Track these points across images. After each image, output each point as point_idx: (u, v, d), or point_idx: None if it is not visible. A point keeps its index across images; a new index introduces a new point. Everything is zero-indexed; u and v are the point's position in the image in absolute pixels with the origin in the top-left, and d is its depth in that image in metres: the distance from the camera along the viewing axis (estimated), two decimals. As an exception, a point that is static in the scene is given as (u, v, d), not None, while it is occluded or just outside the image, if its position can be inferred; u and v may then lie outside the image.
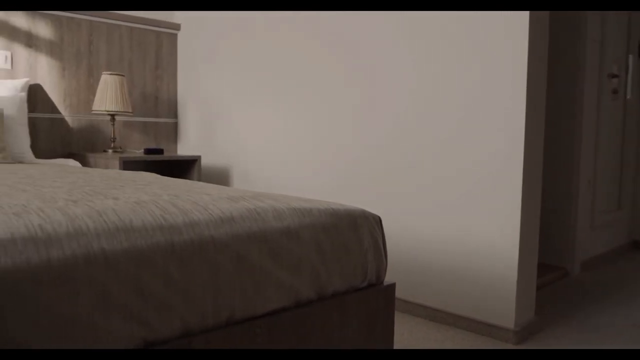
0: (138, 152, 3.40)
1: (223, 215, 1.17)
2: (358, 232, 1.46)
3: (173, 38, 3.81)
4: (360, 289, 1.48)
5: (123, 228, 1.01)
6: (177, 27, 3.79)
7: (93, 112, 3.27)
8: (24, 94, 2.93)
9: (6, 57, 3.11)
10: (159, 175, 2.02)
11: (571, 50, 3.16)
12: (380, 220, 1.55)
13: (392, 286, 1.56)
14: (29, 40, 3.19)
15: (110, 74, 3.24)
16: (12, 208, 1.03)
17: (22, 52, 3.17)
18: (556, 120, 3.25)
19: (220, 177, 3.48)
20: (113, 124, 3.34)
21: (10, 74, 3.14)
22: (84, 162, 3.19)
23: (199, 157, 3.28)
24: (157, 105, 3.76)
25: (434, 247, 2.33)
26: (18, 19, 3.13)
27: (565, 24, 3.18)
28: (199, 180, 3.31)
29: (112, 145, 3.35)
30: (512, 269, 2.10)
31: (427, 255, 2.36)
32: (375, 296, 1.51)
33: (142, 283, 1.00)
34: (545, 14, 2.12)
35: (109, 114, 3.30)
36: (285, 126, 3.00)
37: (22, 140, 2.84)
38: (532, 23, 2.04)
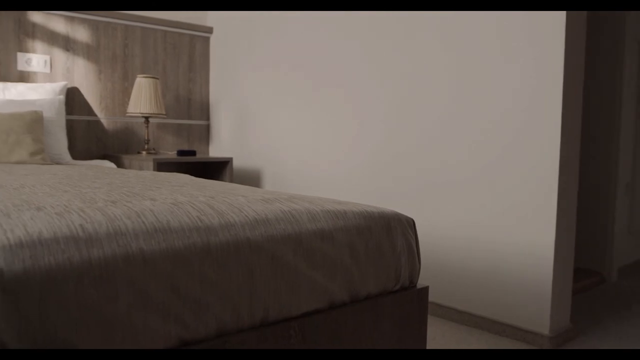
0: (171, 154, 3.45)
1: (258, 217, 1.17)
2: (391, 235, 1.45)
3: (206, 41, 3.86)
4: (393, 291, 1.47)
5: (161, 229, 1.02)
6: (209, 30, 3.84)
7: (128, 114, 3.33)
8: (62, 97, 3.00)
9: (45, 61, 3.19)
10: (192, 177, 2.04)
11: (610, 51, 3.10)
12: (414, 223, 1.54)
13: (425, 289, 1.54)
14: (67, 44, 3.27)
15: (145, 77, 3.29)
16: (55, 208, 1.05)
17: (60, 56, 3.25)
18: (594, 121, 3.18)
19: (251, 179, 3.50)
20: (147, 126, 3.39)
21: (50, 77, 3.22)
22: (119, 164, 3.25)
23: (231, 158, 3.30)
24: (190, 108, 3.81)
25: (467, 249, 2.31)
26: (57, 24, 3.21)
27: (603, 24, 3.12)
28: (231, 181, 3.34)
29: (145, 147, 3.40)
30: (547, 273, 2.06)
31: (461, 258, 2.33)
32: (408, 299, 1.50)
33: (179, 283, 1.02)
34: (582, 14, 2.08)
35: (143, 116, 3.36)
36: (317, 128, 3.01)
37: (60, 141, 2.91)
38: (569, 23, 2.00)
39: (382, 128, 2.64)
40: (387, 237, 1.44)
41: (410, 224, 1.52)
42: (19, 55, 3.11)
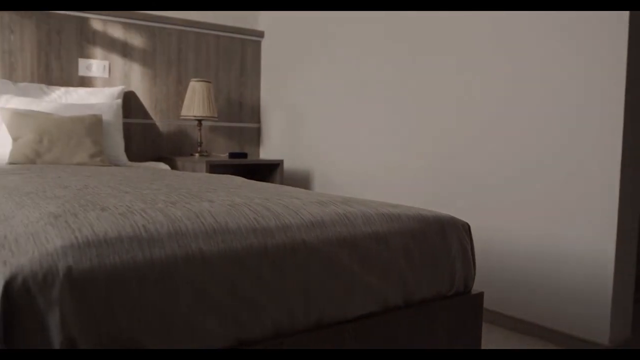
0: (223, 156, 3.51)
1: (314, 219, 1.18)
2: (446, 239, 1.43)
3: (257, 45, 3.91)
4: (447, 297, 1.45)
5: (219, 230, 1.04)
6: (261, 34, 3.88)
7: (181, 117, 3.41)
8: (119, 101, 3.10)
9: (104, 66, 3.30)
10: (245, 179, 2.07)
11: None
12: (469, 227, 1.51)
13: (480, 295, 1.52)
14: (125, 50, 3.37)
15: (198, 81, 3.36)
16: (118, 209, 1.08)
17: (118, 62, 3.36)
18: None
19: (301, 181, 3.53)
20: (200, 129, 3.46)
21: (108, 82, 3.33)
22: (173, 165, 3.32)
23: (282, 161, 3.33)
24: (241, 111, 3.86)
25: (523, 255, 2.25)
26: (116, 30, 3.32)
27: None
28: (281, 183, 3.37)
29: (198, 149, 3.48)
30: (607, 280, 1.99)
31: (516, 264, 2.28)
32: (463, 305, 1.47)
33: (236, 284, 1.03)
34: (646, 12, 2.01)
35: (196, 119, 3.43)
36: (368, 130, 3.00)
37: (117, 144, 3.00)
38: (633, 23, 1.93)
39: (434, 129, 2.61)
40: (442, 242, 1.42)
41: (465, 229, 1.50)
42: (80, 61, 3.23)
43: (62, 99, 2.99)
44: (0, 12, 2.97)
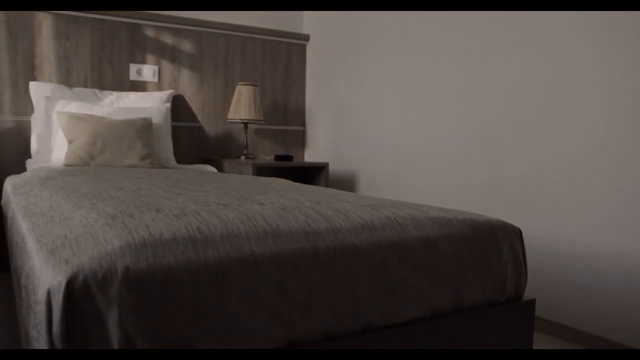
0: (268, 159, 3.54)
1: (364, 223, 1.18)
2: (497, 244, 1.41)
3: (302, 49, 3.93)
4: (498, 303, 1.42)
5: (271, 232, 1.05)
6: (306, 37, 3.91)
7: (228, 120, 3.46)
8: (168, 105, 3.17)
9: (154, 71, 3.38)
10: (291, 182, 2.08)
11: None
12: (521, 232, 1.48)
13: (531, 302, 1.48)
14: (173, 54, 3.45)
15: (244, 85, 3.41)
16: (172, 210, 1.11)
17: (167, 66, 3.43)
18: None
19: (345, 184, 3.52)
20: (246, 132, 3.51)
21: (158, 86, 3.41)
22: (219, 168, 3.37)
23: (327, 164, 3.34)
24: (286, 114, 3.89)
25: (577, 262, 2.19)
26: (165, 35, 3.40)
27: None
28: (326, 186, 3.37)
29: (244, 152, 3.52)
30: (666, 290, 1.91)
31: (569, 271, 2.22)
32: (514, 312, 1.44)
33: (287, 286, 1.04)
34: None
35: (242, 122, 3.47)
36: (414, 132, 2.98)
37: (166, 147, 3.07)
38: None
39: (482, 131, 2.57)
40: (493, 247, 1.40)
41: (517, 234, 1.47)
42: (132, 66, 3.32)
43: (114, 103, 3.08)
44: (57, 20, 3.08)
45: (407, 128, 3.02)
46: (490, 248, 1.39)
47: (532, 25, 2.33)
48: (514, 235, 1.45)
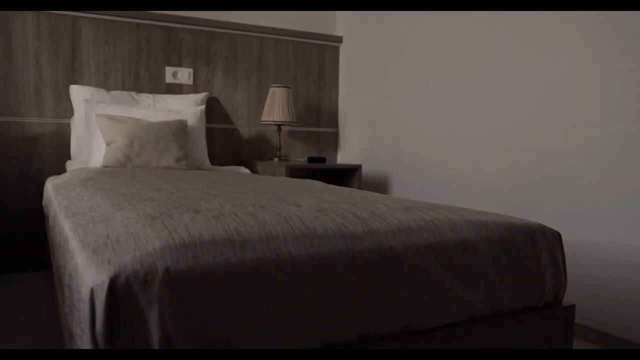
0: (302, 161, 3.55)
1: (400, 225, 1.17)
2: (536, 248, 1.38)
3: (335, 50, 3.94)
4: (536, 308, 1.40)
5: (308, 234, 1.05)
6: (339, 39, 3.91)
7: (261, 122, 3.48)
8: (203, 107, 3.21)
9: (189, 73, 3.43)
10: (325, 184, 2.09)
11: None
12: (560, 236, 1.45)
13: (571, 308, 1.45)
14: (208, 57, 3.49)
15: (278, 87, 3.43)
16: (210, 212, 1.12)
17: (202, 69, 3.48)
18: None
19: (379, 186, 3.51)
20: (279, 134, 3.53)
21: (193, 88, 3.46)
22: (253, 169, 3.40)
23: (360, 165, 3.33)
24: (319, 116, 3.90)
25: (619, 267, 2.14)
26: (200, 38, 3.44)
27: None
28: (359, 188, 3.36)
29: (277, 153, 3.54)
30: None
31: (612, 276, 2.16)
32: (553, 317, 1.41)
33: (324, 288, 1.04)
34: None
35: (275, 124, 3.49)
36: (448, 134, 2.95)
37: (201, 148, 3.11)
38: None
39: (518, 132, 2.53)
40: (531, 251, 1.37)
41: (556, 237, 1.44)
42: (167, 69, 3.37)
43: (151, 106, 3.13)
44: (97, 25, 3.16)
45: (442, 129, 2.99)
46: (528, 252, 1.36)
47: (568, 28, 2.28)
48: (553, 239, 1.43)
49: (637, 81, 2.06)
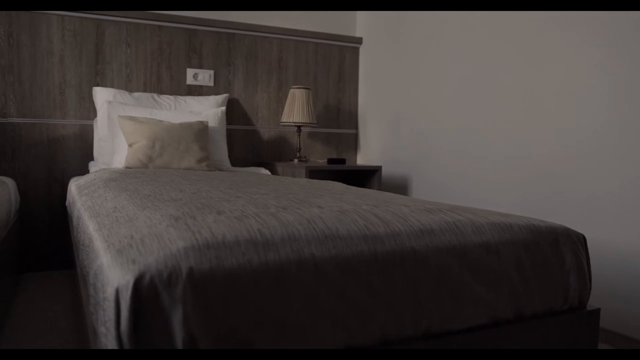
0: (321, 162, 3.55)
1: (423, 227, 1.16)
2: (560, 251, 1.36)
3: (355, 51, 3.93)
4: (560, 312, 1.38)
5: (330, 236, 1.05)
6: (359, 40, 3.90)
7: (281, 123, 3.49)
8: (223, 108, 3.23)
9: (210, 75, 3.45)
10: (345, 185, 2.08)
11: None
12: (585, 239, 1.43)
13: (596, 312, 1.43)
14: (228, 59, 3.51)
15: (298, 88, 3.43)
16: (233, 213, 1.13)
17: (223, 70, 3.50)
18: None
19: (399, 187, 3.50)
20: (299, 135, 3.53)
21: (213, 90, 3.48)
22: (273, 170, 3.41)
23: (380, 167, 3.33)
24: (339, 117, 3.90)
25: None
26: (220, 40, 3.47)
27: None
28: (379, 189, 3.36)
29: (297, 155, 3.54)
30: None
31: (638, 279, 2.13)
32: (578, 321, 1.39)
33: (346, 290, 1.04)
34: None
35: (295, 125, 3.50)
36: (469, 136, 2.93)
37: (221, 150, 3.13)
38: None
39: (542, 134, 2.50)
40: (556, 254, 1.36)
41: (580, 241, 1.42)
42: (188, 70, 3.40)
43: (172, 107, 3.16)
44: (119, 28, 3.19)
45: (463, 131, 2.97)
46: (552, 255, 1.35)
47: (591, 29, 2.25)
48: (577, 242, 1.41)
49: (664, 82, 2.02)
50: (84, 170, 3.14)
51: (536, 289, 1.31)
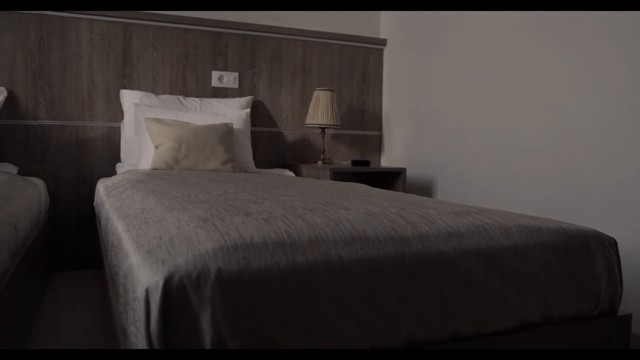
0: (345, 164, 3.55)
1: (450, 229, 1.16)
2: (590, 255, 1.34)
3: (379, 53, 3.92)
4: (591, 317, 1.35)
5: (358, 238, 1.05)
6: (383, 42, 3.89)
7: (306, 125, 3.50)
8: (248, 110, 3.25)
9: (235, 77, 3.48)
10: (370, 187, 2.08)
11: None
12: (616, 243, 1.41)
13: (628, 317, 1.40)
14: (253, 61, 3.54)
15: (322, 90, 3.44)
16: (260, 214, 1.13)
17: (247, 73, 3.52)
18: None
19: (423, 189, 3.48)
20: (323, 137, 3.54)
21: (238, 92, 3.51)
22: (297, 172, 3.42)
23: (404, 169, 3.31)
24: (363, 119, 3.90)
25: (671, 276, 2.05)
26: (245, 42, 3.49)
27: None
28: (404, 191, 3.34)
29: (321, 156, 3.55)
30: None
31: (663, 285, 2.08)
32: (608, 327, 1.37)
33: (374, 292, 1.04)
34: None
35: (319, 127, 3.50)
36: (495, 137, 2.90)
37: (246, 151, 3.14)
38: None
39: (569, 135, 2.46)
40: (586, 257, 1.33)
41: (611, 244, 1.39)
42: (214, 73, 3.43)
43: (198, 109, 3.19)
44: (146, 31, 3.24)
45: (488, 133, 2.94)
46: (582, 259, 1.33)
47: (623, 28, 2.21)
48: (608, 245, 1.38)
49: (697, 82, 1.97)
50: (111, 172, 3.19)
51: (565, 293, 1.29)
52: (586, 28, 2.37)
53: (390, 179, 3.45)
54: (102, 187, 2.36)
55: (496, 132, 2.88)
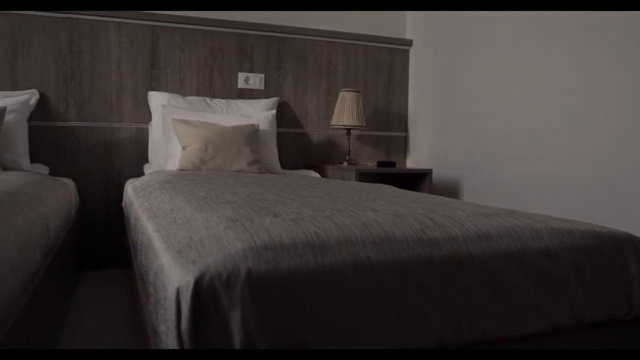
0: (371, 165, 3.54)
1: (480, 232, 1.15)
2: (623, 258, 1.32)
3: (405, 54, 3.91)
4: (624, 321, 1.33)
5: (387, 239, 1.05)
6: (409, 43, 3.88)
7: (331, 126, 3.50)
8: (274, 111, 3.26)
9: (260, 79, 3.50)
10: (396, 188, 2.07)
11: None
12: (650, 246, 1.37)
13: (662, 322, 1.37)
14: (279, 62, 3.55)
15: (348, 91, 3.44)
16: (289, 215, 1.14)
17: (273, 74, 3.54)
18: None
19: (449, 190, 3.45)
20: (348, 138, 3.53)
21: (264, 93, 3.52)
22: (322, 173, 3.42)
23: (431, 170, 3.29)
24: (389, 120, 3.88)
25: None
26: (271, 43, 3.51)
27: None
28: (429, 192, 3.32)
29: (347, 157, 3.54)
30: None
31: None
32: (642, 331, 1.34)
33: (402, 294, 1.03)
34: None
35: (345, 128, 3.50)
36: (523, 139, 2.86)
37: (272, 152, 3.16)
38: None
39: (597, 141, 2.41)
40: (618, 261, 1.31)
41: (645, 247, 1.36)
42: (240, 74, 3.45)
43: (224, 111, 3.21)
44: (173, 34, 3.28)
45: (515, 134, 2.90)
46: (615, 262, 1.30)
47: (658, 23, 2.16)
48: (642, 248, 1.36)
49: None
50: (139, 173, 3.23)
51: (597, 296, 1.27)
52: (619, 29, 2.33)
53: (416, 180, 3.43)
54: (131, 188, 2.39)
55: (524, 132, 2.84)
